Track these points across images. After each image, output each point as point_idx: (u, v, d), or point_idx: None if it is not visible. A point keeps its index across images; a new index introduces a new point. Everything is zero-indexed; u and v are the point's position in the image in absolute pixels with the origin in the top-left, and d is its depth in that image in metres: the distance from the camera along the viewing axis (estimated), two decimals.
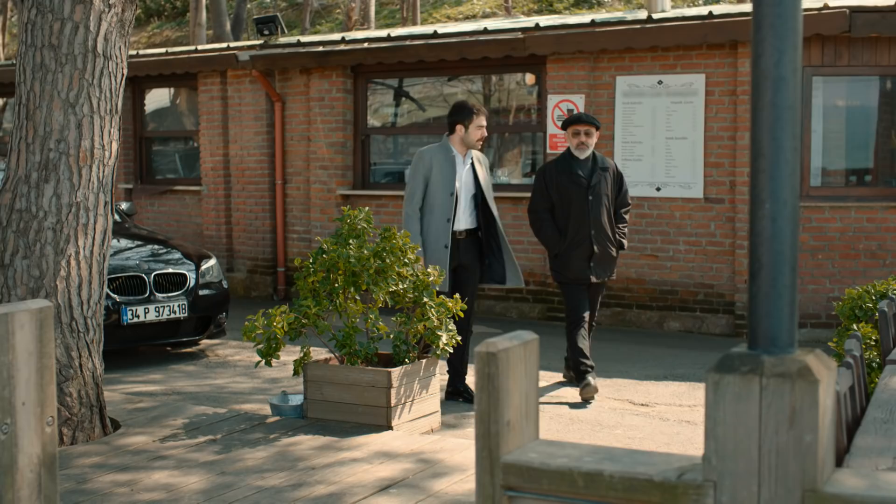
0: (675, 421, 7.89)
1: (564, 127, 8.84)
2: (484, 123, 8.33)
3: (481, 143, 8.38)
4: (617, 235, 8.80)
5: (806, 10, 10.51)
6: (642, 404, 8.38)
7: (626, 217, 8.97)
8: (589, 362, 8.49)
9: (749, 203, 2.23)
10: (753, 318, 2.20)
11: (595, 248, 8.62)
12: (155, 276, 9.91)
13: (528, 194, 9.51)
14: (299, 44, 14.42)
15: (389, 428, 6.87)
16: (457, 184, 8.22)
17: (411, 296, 7.24)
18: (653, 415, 8.04)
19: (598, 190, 8.66)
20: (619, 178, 8.86)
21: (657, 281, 11.84)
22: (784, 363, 2.08)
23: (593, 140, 8.74)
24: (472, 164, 8.39)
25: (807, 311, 11.02)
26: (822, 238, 11.12)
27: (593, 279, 8.68)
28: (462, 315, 7.46)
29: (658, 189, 11.72)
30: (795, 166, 2.21)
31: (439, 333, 7.15)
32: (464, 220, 8.29)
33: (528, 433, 2.40)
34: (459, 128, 8.28)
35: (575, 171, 8.66)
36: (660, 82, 11.68)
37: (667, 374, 9.48)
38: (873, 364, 6.67)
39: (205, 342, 10.87)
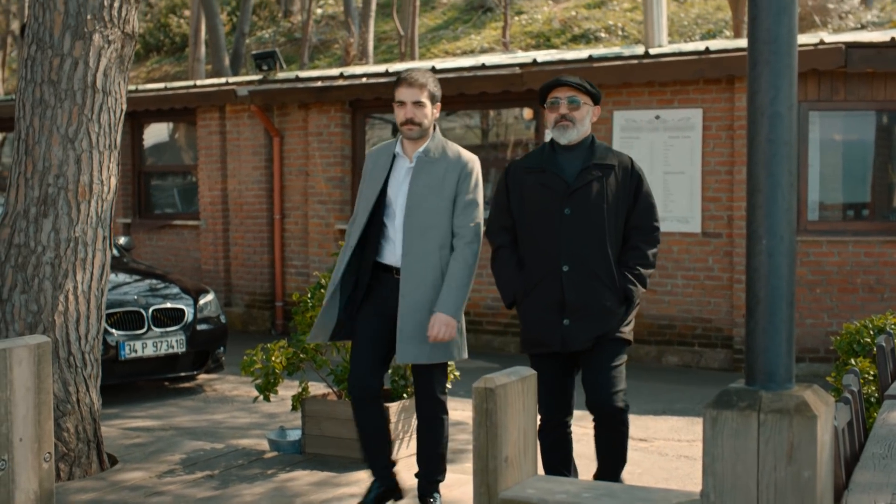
0: (673, 456, 7.87)
1: (542, 98, 5.68)
2: (405, 98, 5.74)
3: (411, 129, 5.70)
4: (621, 276, 5.49)
5: (802, 45, 10.56)
6: (641, 439, 8.35)
7: (646, 248, 5.56)
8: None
9: (746, 238, 2.23)
10: (751, 354, 2.20)
11: (566, 292, 5.39)
12: (153, 310, 9.90)
13: None
14: (298, 79, 14.46)
15: None
16: (389, 195, 5.76)
17: None
18: (651, 450, 8.02)
19: (584, 198, 5.43)
20: (634, 183, 5.55)
21: (655, 315, 11.83)
22: (782, 399, 2.08)
23: (584, 114, 5.58)
24: (421, 167, 5.73)
25: (805, 346, 11.01)
26: (819, 272, 11.13)
27: (567, 346, 5.41)
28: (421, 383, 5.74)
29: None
30: (792, 202, 2.22)
31: None
32: (399, 250, 5.68)
33: (526, 469, 2.39)
34: None
35: (550, 169, 5.49)
36: (657, 117, 11.72)
37: (665, 408, 9.45)
38: (871, 399, 6.66)
39: (202, 377, 10.84)
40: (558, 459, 5.60)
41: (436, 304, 5.55)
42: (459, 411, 8.94)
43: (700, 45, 12.21)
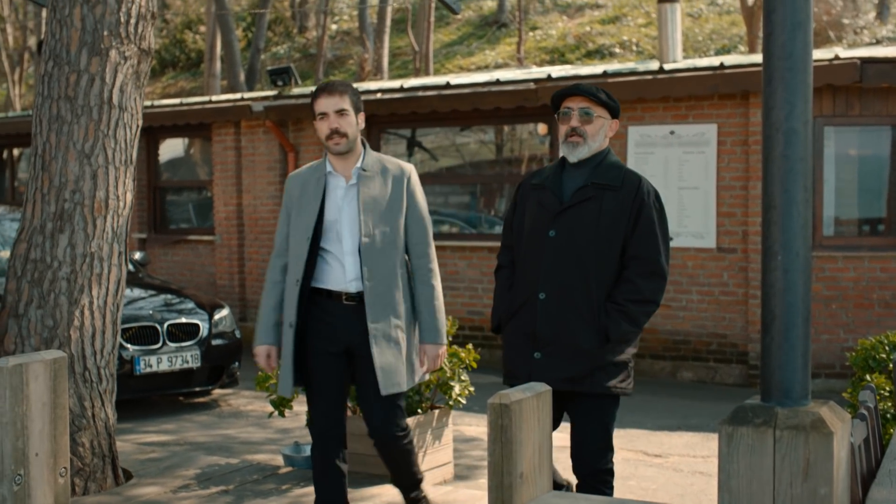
0: (688, 472, 7.85)
1: (554, 106, 5.17)
2: (326, 108, 5.29)
3: (338, 143, 5.27)
4: (606, 314, 4.90)
5: (817, 60, 10.56)
6: (656, 455, 8.34)
7: (642, 283, 5.00)
8: None
9: (761, 254, 2.23)
10: (767, 370, 2.20)
11: (538, 323, 4.93)
12: (168, 325, 9.93)
13: None
14: (313, 94, 14.50)
15: None
16: (327, 217, 5.30)
17: None
18: (666, 466, 8.00)
19: (573, 220, 4.95)
20: (636, 207, 4.96)
21: (670, 331, 11.81)
22: (798, 415, 2.08)
23: (597, 129, 5.03)
24: (365, 184, 5.31)
25: (821, 361, 10.97)
26: (835, 288, 11.09)
27: (537, 380, 4.06)
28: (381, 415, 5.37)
29: (670, 239, 11.70)
30: (807, 218, 2.22)
31: (451, 384, 7.13)
32: (351, 274, 5.27)
33: (541, 485, 2.39)
34: None
35: (551, 187, 5.05)
36: (672, 132, 11.71)
37: (680, 424, 9.43)
38: (888, 415, 6.63)
39: (217, 392, 10.85)
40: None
41: (421, 335, 5.37)
42: (474, 427, 8.93)
43: (715, 61, 12.20)
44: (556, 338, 4.88)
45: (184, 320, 10.11)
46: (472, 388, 7.29)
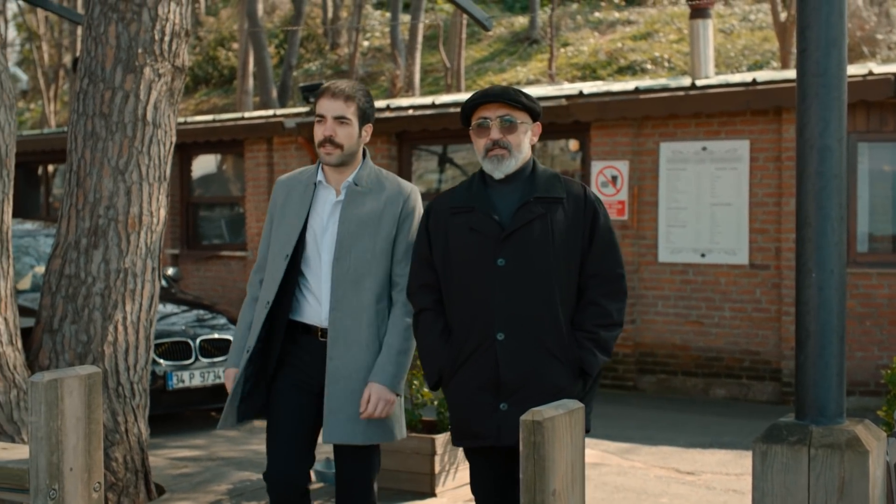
0: (721, 490, 7.80)
1: (464, 119, 4.56)
2: (326, 112, 4.62)
3: (329, 153, 4.60)
4: (579, 345, 4.20)
5: (851, 76, 10.50)
6: (688, 472, 8.29)
7: (608, 304, 4.26)
8: None
9: (795, 271, 2.22)
10: (801, 388, 2.19)
11: (501, 368, 4.17)
12: (200, 341, 9.97)
13: None
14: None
15: (433, 495, 6.84)
16: (308, 235, 4.66)
17: None
18: (699, 483, 7.95)
19: (524, 243, 4.23)
20: (588, 218, 4.29)
21: (702, 347, 11.75)
22: (832, 433, 2.06)
23: (521, 137, 4.37)
24: (352, 200, 4.66)
25: (855, 379, 10.89)
26: (869, 304, 11.01)
27: (503, 438, 4.17)
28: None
29: (703, 255, 11.68)
30: (842, 235, 2.21)
31: None
32: (327, 304, 4.60)
33: (574, 502, 2.38)
34: None
35: (481, 208, 4.34)
36: (704, 148, 11.68)
37: (713, 441, 9.38)
38: None
39: None
40: None
41: (372, 372, 4.53)
42: None
43: (747, 77, 12.16)
44: (525, 382, 4.16)
45: (216, 336, 10.15)
46: None
